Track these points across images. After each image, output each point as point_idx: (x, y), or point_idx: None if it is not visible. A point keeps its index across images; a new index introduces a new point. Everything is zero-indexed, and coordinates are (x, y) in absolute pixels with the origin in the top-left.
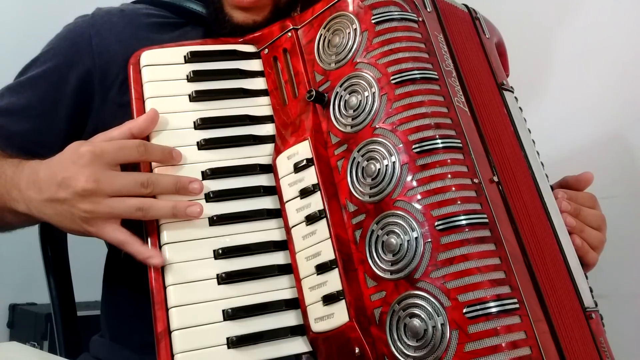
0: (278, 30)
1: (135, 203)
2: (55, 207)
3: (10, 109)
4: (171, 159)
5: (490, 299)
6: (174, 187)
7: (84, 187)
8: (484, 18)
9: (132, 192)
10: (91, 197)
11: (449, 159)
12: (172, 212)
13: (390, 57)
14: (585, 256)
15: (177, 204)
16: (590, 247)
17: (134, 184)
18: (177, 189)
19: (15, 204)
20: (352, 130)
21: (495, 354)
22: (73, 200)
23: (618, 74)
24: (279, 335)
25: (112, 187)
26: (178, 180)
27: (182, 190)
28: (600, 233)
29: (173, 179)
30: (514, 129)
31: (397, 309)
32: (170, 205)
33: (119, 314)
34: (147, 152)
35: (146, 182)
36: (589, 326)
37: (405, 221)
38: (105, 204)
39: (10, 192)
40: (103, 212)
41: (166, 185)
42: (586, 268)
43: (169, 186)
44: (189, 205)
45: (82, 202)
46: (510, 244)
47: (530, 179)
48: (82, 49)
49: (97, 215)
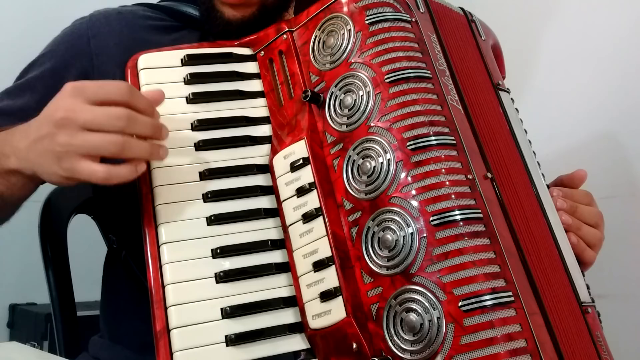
0: (274, 33)
1: (112, 137)
2: (37, 148)
3: (7, 111)
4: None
5: (485, 292)
6: (151, 127)
7: (60, 116)
8: (480, 21)
9: (106, 125)
10: (67, 127)
11: (443, 156)
12: (149, 150)
13: (384, 57)
14: (582, 254)
15: (154, 144)
16: (587, 245)
17: (107, 116)
18: (153, 130)
19: (6, 161)
20: (348, 129)
21: (491, 346)
22: (52, 134)
23: (615, 73)
24: (277, 332)
25: (86, 115)
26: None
27: (157, 131)
28: (598, 230)
29: (152, 120)
30: (510, 128)
31: (394, 304)
32: (148, 144)
33: (118, 314)
34: (132, 94)
35: (123, 116)
36: (585, 320)
37: (400, 217)
38: (80, 136)
39: (3, 150)
40: (78, 144)
41: (143, 123)
42: (584, 266)
43: (146, 125)
44: (162, 146)
45: (59, 135)
46: (504, 239)
47: (526, 176)
48: (80, 50)
49: (71, 149)
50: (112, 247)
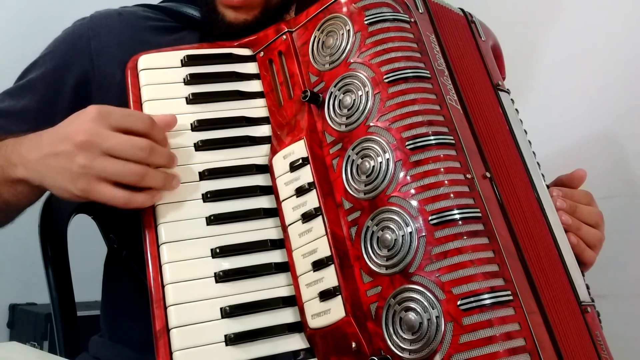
0: (273, 34)
1: (131, 166)
2: (51, 163)
3: (8, 111)
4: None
5: (484, 291)
6: (167, 158)
7: (82, 139)
8: (480, 22)
9: (129, 154)
10: (88, 150)
11: (442, 155)
12: (164, 182)
13: (383, 57)
14: (582, 254)
15: (168, 175)
16: (587, 245)
17: (132, 145)
18: (169, 160)
19: (14, 170)
20: (347, 129)
21: (490, 345)
22: (71, 154)
23: (615, 73)
24: (276, 332)
25: (109, 142)
26: (170, 153)
27: (171, 161)
28: (598, 231)
29: (168, 151)
30: (509, 128)
31: (393, 304)
32: (164, 175)
33: (118, 313)
34: (153, 127)
35: (146, 147)
36: (584, 319)
37: (399, 216)
38: (100, 161)
39: (10, 158)
40: (97, 168)
41: (161, 154)
42: (584, 267)
43: (163, 156)
44: (175, 177)
45: (79, 156)
46: (503, 238)
47: (525, 176)
48: (81, 51)
49: (91, 171)
50: (113, 247)
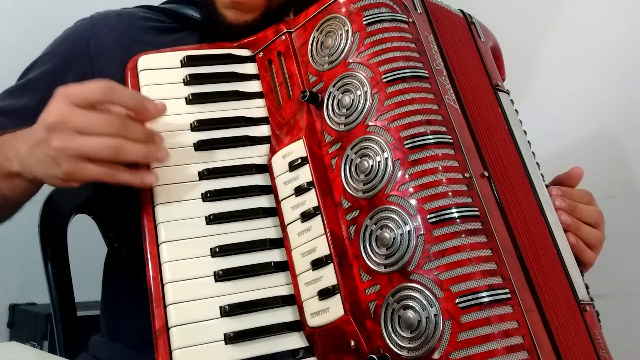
0: (272, 34)
1: (107, 141)
2: (36, 152)
3: (8, 110)
4: (143, 108)
5: (482, 289)
6: (144, 133)
7: (51, 121)
8: (480, 23)
9: (100, 129)
10: (60, 131)
11: (440, 154)
12: (144, 153)
13: (381, 57)
14: (581, 254)
15: (150, 147)
16: (586, 245)
17: (100, 121)
18: (145, 134)
19: (10, 164)
20: (346, 129)
21: (488, 342)
22: (46, 139)
23: (615, 72)
24: (275, 330)
25: (77, 120)
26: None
27: (149, 136)
28: (598, 230)
29: (144, 127)
30: (508, 128)
31: (392, 302)
32: (143, 146)
33: (117, 312)
34: (113, 93)
35: (115, 120)
36: (583, 318)
37: (398, 215)
38: (74, 140)
39: (7, 153)
40: (72, 147)
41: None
42: (583, 267)
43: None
44: (159, 149)
45: (53, 139)
46: (501, 236)
47: (524, 176)
48: (80, 51)
49: (68, 152)
50: (113, 246)
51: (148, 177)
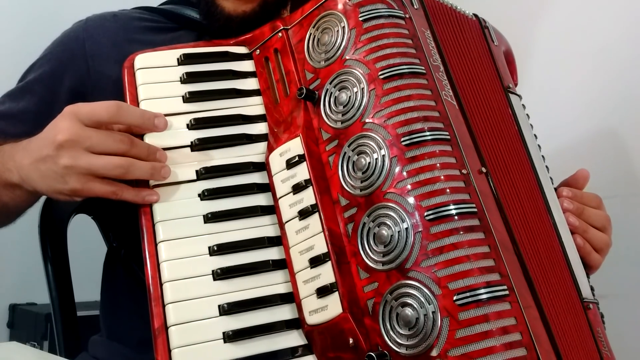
0: (269, 31)
1: (115, 160)
2: (40, 167)
3: (8, 113)
4: (152, 126)
5: (480, 286)
6: (147, 150)
7: (60, 139)
8: (493, 27)
9: (110, 148)
10: (69, 150)
11: (438, 151)
12: (151, 171)
13: (378, 53)
14: (587, 257)
15: (155, 165)
16: (593, 249)
17: (111, 139)
18: (149, 152)
19: (10, 175)
20: (343, 126)
21: (486, 339)
22: (54, 156)
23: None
24: (274, 328)
25: (88, 139)
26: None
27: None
28: (605, 234)
29: (146, 144)
30: (518, 130)
31: (390, 299)
32: (150, 165)
33: (117, 312)
34: (121, 113)
35: (125, 139)
36: (586, 315)
37: (395, 212)
38: (84, 158)
39: (7, 164)
40: (82, 166)
41: (141, 146)
42: (589, 270)
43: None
44: (164, 167)
45: (62, 157)
46: (499, 233)
47: (530, 175)
48: (76, 52)
49: (77, 170)
50: (112, 246)
51: (150, 196)
